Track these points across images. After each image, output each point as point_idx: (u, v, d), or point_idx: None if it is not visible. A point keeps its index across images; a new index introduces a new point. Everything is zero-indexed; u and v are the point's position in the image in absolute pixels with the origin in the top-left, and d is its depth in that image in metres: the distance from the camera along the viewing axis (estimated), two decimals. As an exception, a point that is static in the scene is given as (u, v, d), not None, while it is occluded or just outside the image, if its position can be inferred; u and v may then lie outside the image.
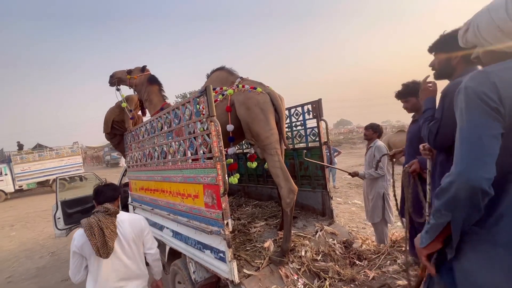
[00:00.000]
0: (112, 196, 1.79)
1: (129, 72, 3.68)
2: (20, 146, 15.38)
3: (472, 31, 0.90)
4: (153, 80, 3.59)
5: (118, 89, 3.69)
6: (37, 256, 5.08)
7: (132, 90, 3.81)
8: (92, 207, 4.70)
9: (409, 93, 2.26)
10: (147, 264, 1.93)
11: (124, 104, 3.63)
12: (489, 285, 0.79)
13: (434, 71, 1.55)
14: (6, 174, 12.83)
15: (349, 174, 3.17)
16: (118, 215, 1.72)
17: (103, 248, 1.56)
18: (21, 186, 13.26)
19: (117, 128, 3.82)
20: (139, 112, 4.06)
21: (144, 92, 3.59)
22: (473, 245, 0.83)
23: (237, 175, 2.50)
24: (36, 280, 4.04)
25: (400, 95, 2.34)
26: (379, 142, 3.10)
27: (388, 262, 2.30)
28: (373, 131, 3.15)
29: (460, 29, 0.97)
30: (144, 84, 3.59)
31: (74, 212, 4.41)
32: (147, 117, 3.71)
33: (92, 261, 1.64)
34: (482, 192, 0.73)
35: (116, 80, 3.68)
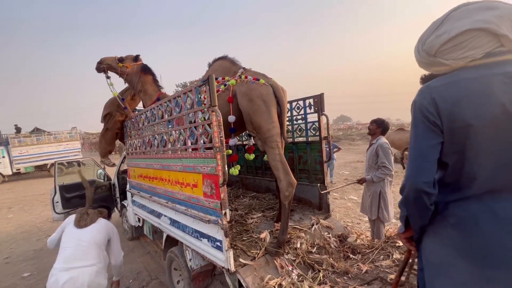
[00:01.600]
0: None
1: (121, 60, 3.49)
2: (18, 129, 15.29)
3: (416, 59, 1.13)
4: (147, 70, 3.45)
5: (108, 77, 3.52)
6: (35, 238, 5.13)
7: (121, 79, 3.60)
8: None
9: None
10: None
11: (115, 93, 3.53)
12: (438, 260, 0.95)
13: None
14: (3, 157, 12.82)
15: (357, 182, 3.16)
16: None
17: (80, 221, 2.21)
18: (19, 169, 13.27)
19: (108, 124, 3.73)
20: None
21: (137, 83, 3.45)
22: (432, 228, 0.99)
23: (238, 167, 2.51)
24: (33, 262, 4.09)
25: (426, 80, 2.25)
26: (382, 140, 2.99)
27: (382, 257, 2.34)
28: (377, 126, 3.04)
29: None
30: (137, 74, 3.44)
31: (72, 197, 4.43)
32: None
33: (67, 230, 2.20)
34: (424, 193, 0.92)
35: (105, 66, 3.49)
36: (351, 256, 2.41)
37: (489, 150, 0.87)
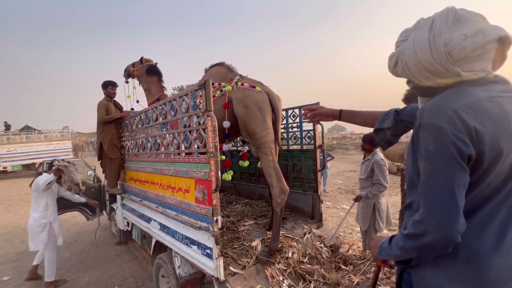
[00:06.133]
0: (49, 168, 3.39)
1: (133, 64, 3.86)
2: (7, 127, 14.95)
3: (402, 67, 0.87)
4: (151, 71, 3.68)
5: (126, 82, 3.91)
6: (18, 240, 4.93)
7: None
8: (78, 193, 4.55)
9: (414, 98, 2.22)
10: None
11: (129, 96, 3.80)
12: None
13: None
14: (-10, 154, 12.46)
15: (354, 200, 3.17)
16: (40, 176, 3.21)
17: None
18: (6, 168, 12.89)
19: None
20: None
21: (144, 83, 3.73)
22: (433, 259, 0.84)
23: (231, 172, 2.49)
24: (15, 265, 3.92)
25: (406, 99, 2.31)
26: (378, 156, 2.96)
27: (373, 268, 2.32)
28: (372, 144, 3.03)
29: (390, 58, 0.92)
30: (143, 75, 3.70)
31: (60, 198, 4.31)
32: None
33: None
34: (454, 243, 0.77)
35: (126, 73, 3.91)
36: (342, 267, 2.39)
37: (505, 176, 0.78)
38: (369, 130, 3.19)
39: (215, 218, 1.83)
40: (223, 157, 2.57)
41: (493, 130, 0.74)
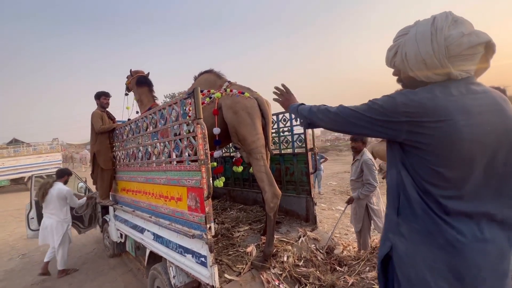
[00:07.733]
0: (58, 176, 3.94)
1: (127, 77, 3.92)
2: (-6, 141, 14.55)
3: (400, 58, 0.93)
4: (141, 82, 3.73)
5: (126, 94, 3.98)
6: (6, 258, 4.77)
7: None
8: (71, 208, 4.48)
9: None
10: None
11: (128, 107, 3.84)
12: (422, 281, 0.87)
13: None
14: (-24, 170, 12.10)
15: (347, 203, 3.18)
16: (55, 184, 3.77)
17: (40, 198, 3.69)
18: (-7, 183, 12.53)
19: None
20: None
21: (136, 94, 3.77)
22: (414, 245, 0.90)
23: (223, 178, 2.49)
24: (3, 284, 3.78)
25: None
26: (366, 156, 2.98)
27: (368, 268, 2.35)
28: (362, 143, 3.04)
29: (389, 50, 0.98)
30: (134, 86, 3.75)
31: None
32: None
33: None
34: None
35: (126, 87, 4.00)
36: (337, 268, 2.41)
37: (479, 169, 0.82)
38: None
39: (208, 226, 1.82)
40: (215, 163, 2.58)
41: (441, 119, 0.81)
